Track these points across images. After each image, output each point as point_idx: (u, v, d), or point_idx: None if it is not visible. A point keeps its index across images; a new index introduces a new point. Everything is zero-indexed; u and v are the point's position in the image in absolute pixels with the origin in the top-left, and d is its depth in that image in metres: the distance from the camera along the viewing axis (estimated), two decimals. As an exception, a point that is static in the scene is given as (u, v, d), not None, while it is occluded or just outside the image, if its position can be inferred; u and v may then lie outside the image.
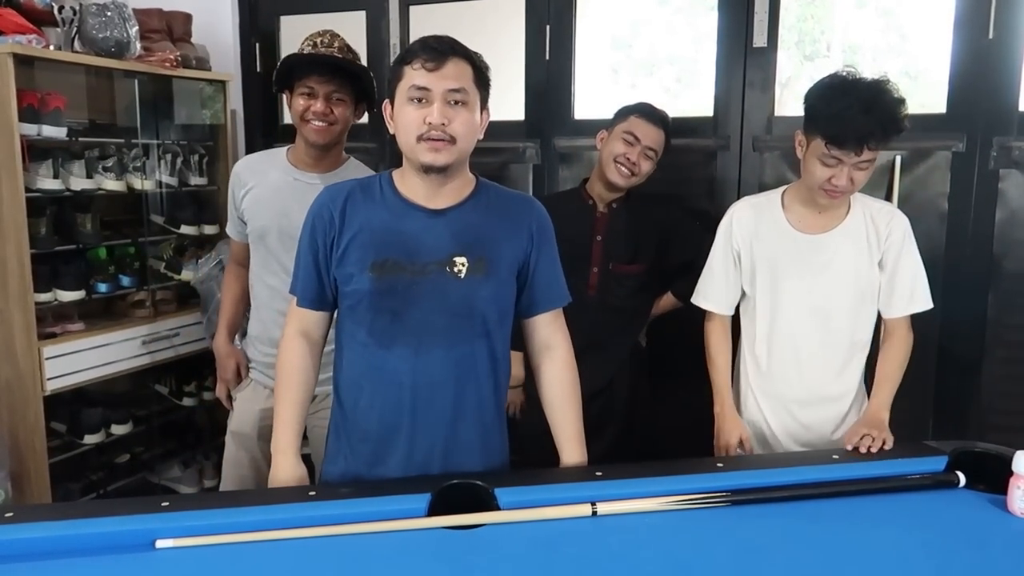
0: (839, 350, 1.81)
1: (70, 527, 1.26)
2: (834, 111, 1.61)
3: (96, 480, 2.71)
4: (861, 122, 1.58)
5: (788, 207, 1.83)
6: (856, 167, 1.66)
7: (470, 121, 1.44)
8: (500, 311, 1.51)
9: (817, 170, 1.68)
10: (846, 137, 1.60)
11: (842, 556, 1.24)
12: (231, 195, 2.13)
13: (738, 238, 1.86)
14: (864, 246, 1.77)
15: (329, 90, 1.97)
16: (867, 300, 1.79)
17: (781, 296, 1.81)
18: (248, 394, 2.15)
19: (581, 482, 1.42)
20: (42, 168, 2.41)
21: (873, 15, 3.75)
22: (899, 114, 1.62)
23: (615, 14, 4.01)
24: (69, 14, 2.40)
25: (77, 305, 2.56)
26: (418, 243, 1.46)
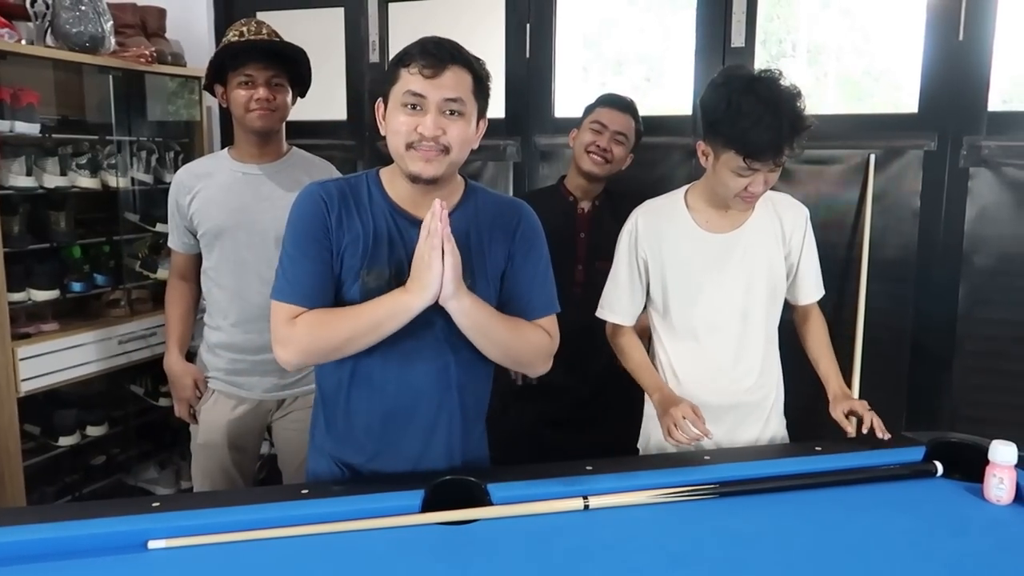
0: (758, 349, 1.76)
1: (60, 529, 1.24)
2: (746, 125, 1.53)
3: (71, 483, 2.67)
4: (774, 132, 1.52)
5: (693, 208, 1.75)
6: (771, 170, 1.61)
7: (465, 132, 1.38)
8: None
9: (732, 181, 1.61)
10: (763, 150, 1.54)
11: (826, 544, 1.27)
12: (174, 205, 2.06)
13: (644, 246, 1.76)
14: (773, 240, 1.75)
15: (268, 75, 1.94)
16: (778, 294, 1.78)
17: (698, 301, 1.74)
18: (212, 406, 2.08)
19: (573, 476, 1.43)
20: (15, 165, 2.37)
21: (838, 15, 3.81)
22: (803, 120, 1.56)
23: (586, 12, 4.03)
24: (42, 8, 2.36)
25: (51, 305, 2.52)
26: (408, 254, 1.41)
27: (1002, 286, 2.32)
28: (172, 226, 2.10)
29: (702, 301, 1.73)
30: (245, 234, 1.97)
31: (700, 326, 1.74)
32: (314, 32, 2.11)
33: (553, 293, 1.53)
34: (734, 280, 1.73)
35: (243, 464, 2.11)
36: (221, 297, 2.04)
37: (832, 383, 1.75)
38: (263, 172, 2.02)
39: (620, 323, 1.82)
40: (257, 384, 2.04)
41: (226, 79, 1.97)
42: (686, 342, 1.76)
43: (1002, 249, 2.31)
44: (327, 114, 2.88)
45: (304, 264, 1.41)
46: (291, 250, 1.43)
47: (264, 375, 2.04)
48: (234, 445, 2.08)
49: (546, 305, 1.51)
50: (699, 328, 1.74)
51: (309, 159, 2.12)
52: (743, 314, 1.73)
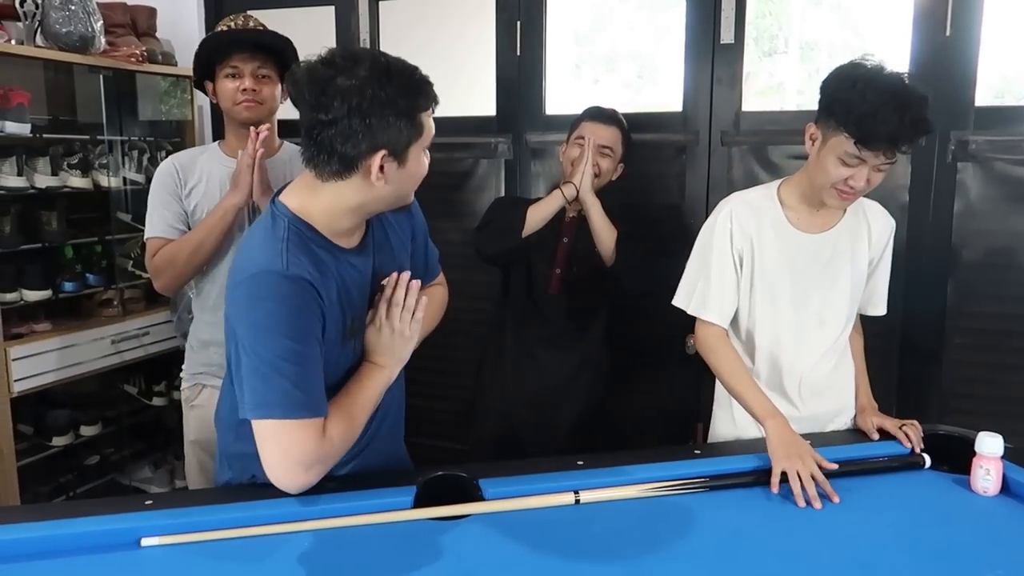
0: (834, 358, 1.73)
1: (53, 527, 1.25)
2: (867, 110, 1.46)
3: (65, 482, 2.67)
4: (895, 124, 1.45)
5: (787, 204, 1.68)
6: (877, 168, 1.53)
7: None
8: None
9: (834, 169, 1.54)
10: (878, 138, 1.46)
11: (815, 536, 1.29)
12: (168, 191, 1.97)
13: (740, 239, 1.67)
14: (861, 245, 1.69)
15: (254, 66, 1.94)
16: (857, 302, 1.74)
17: (780, 301, 1.68)
18: (206, 401, 2.06)
19: (564, 471, 1.44)
20: (5, 165, 2.37)
21: (829, 12, 3.84)
22: (927, 118, 1.50)
23: (578, 10, 4.04)
24: (32, 8, 2.35)
25: (43, 305, 2.52)
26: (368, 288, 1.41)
27: (990, 280, 2.34)
28: (161, 214, 1.97)
29: (784, 302, 1.68)
30: (237, 229, 1.96)
31: (781, 328, 1.69)
32: (304, 30, 2.11)
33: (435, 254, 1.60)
34: (821, 283, 1.67)
35: None
36: (212, 292, 2.02)
37: (861, 394, 1.76)
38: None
39: (717, 323, 1.69)
40: None
41: (215, 74, 1.97)
42: (764, 344, 1.71)
43: (990, 243, 2.33)
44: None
45: (315, 367, 1.25)
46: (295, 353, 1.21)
47: None
48: None
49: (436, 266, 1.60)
50: (780, 330, 1.69)
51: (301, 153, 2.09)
52: (822, 319, 1.69)
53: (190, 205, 1.98)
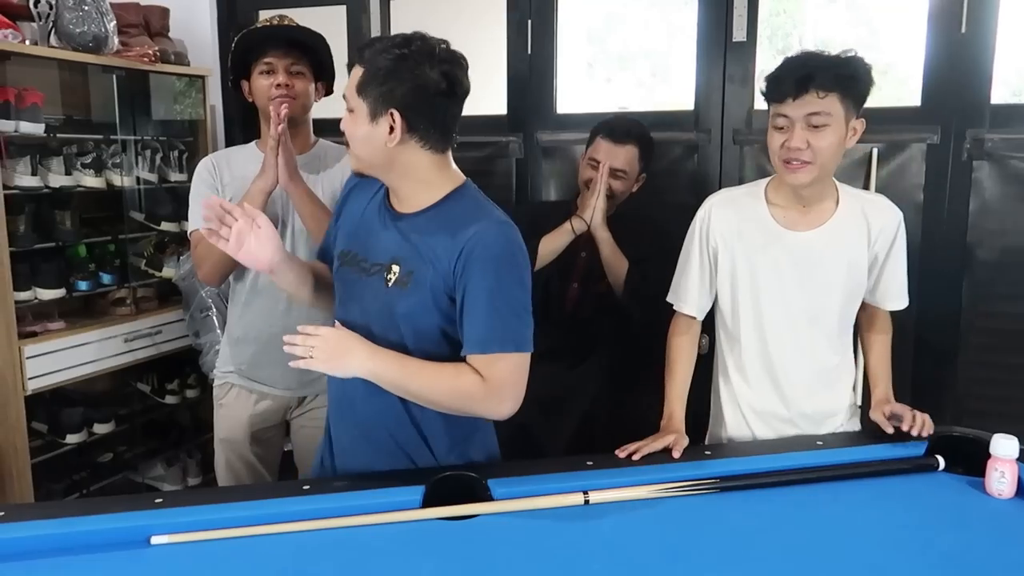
0: (828, 357, 1.69)
1: (64, 525, 1.26)
2: (776, 70, 1.54)
3: (79, 480, 2.68)
4: (798, 67, 1.49)
5: (773, 202, 1.67)
6: (808, 125, 1.51)
7: (353, 127, 1.38)
8: (419, 330, 1.40)
9: (772, 141, 1.57)
10: (783, 85, 1.50)
11: (827, 539, 1.28)
12: (209, 185, 1.99)
13: (716, 235, 1.69)
14: (856, 242, 1.64)
15: (288, 63, 1.94)
16: (855, 299, 1.69)
17: (767, 300, 1.66)
18: (233, 401, 2.09)
19: (573, 472, 1.44)
20: (20, 165, 2.38)
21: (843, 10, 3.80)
22: (849, 62, 1.50)
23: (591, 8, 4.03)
24: (45, 8, 2.36)
25: (57, 303, 2.53)
26: (376, 243, 1.45)
27: (1006, 279, 2.32)
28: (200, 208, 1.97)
29: (771, 301, 1.66)
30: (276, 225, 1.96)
31: (767, 327, 1.67)
32: (316, 29, 2.11)
33: (495, 330, 1.35)
34: (808, 282, 1.64)
35: (266, 458, 2.13)
36: (248, 290, 2.03)
37: (880, 388, 1.71)
38: None
39: (687, 313, 1.74)
40: (279, 379, 2.04)
41: (249, 73, 1.98)
42: (751, 343, 1.70)
43: (1005, 242, 2.30)
44: (333, 112, 2.88)
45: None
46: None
47: (286, 369, 2.03)
48: (256, 439, 2.09)
49: (478, 342, 1.35)
50: (765, 329, 1.68)
51: (336, 148, 2.08)
52: (812, 317, 1.65)
53: (225, 199, 1.97)
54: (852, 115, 1.54)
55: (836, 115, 1.51)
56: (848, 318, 1.71)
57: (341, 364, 1.37)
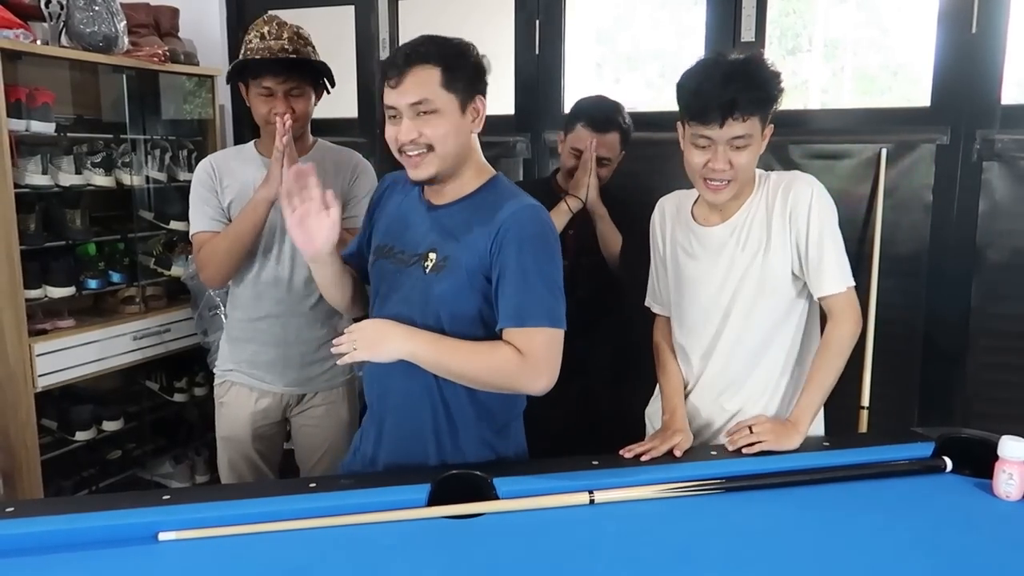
0: (741, 354, 1.64)
1: (72, 521, 1.26)
2: (692, 85, 1.50)
3: (88, 477, 2.70)
4: (720, 92, 1.45)
5: (699, 200, 1.69)
6: (731, 146, 1.50)
7: (442, 127, 1.40)
8: (455, 313, 1.44)
9: (692, 158, 1.55)
10: (707, 109, 1.47)
11: (834, 540, 1.27)
12: (207, 190, 2.01)
13: (658, 232, 1.76)
14: (767, 228, 1.59)
15: (287, 88, 1.93)
16: (770, 291, 1.60)
17: (683, 296, 1.69)
18: (233, 399, 2.11)
19: (579, 471, 1.44)
20: (31, 164, 2.40)
21: (854, 10, 3.79)
22: (765, 81, 1.49)
23: (600, 8, 4.03)
24: (56, 9, 2.39)
25: (67, 301, 2.55)
26: (413, 235, 1.51)
27: (1015, 281, 2.30)
28: (203, 211, 2.01)
29: (686, 297, 1.69)
30: (276, 230, 1.98)
31: (684, 323, 1.70)
32: (324, 30, 2.12)
33: (531, 304, 1.40)
34: (714, 276, 1.64)
35: (268, 456, 2.14)
36: (248, 290, 2.05)
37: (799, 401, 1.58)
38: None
39: (656, 311, 1.81)
40: (279, 377, 2.06)
41: (248, 83, 1.98)
42: (677, 338, 1.74)
43: (1015, 243, 2.29)
44: (338, 112, 2.89)
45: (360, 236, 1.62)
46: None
47: (286, 368, 2.05)
48: (258, 436, 2.10)
49: (514, 315, 1.40)
50: (684, 325, 1.71)
51: (334, 149, 2.11)
52: (725, 313, 1.64)
53: (225, 202, 2.02)
54: (765, 124, 1.55)
55: (756, 133, 1.52)
56: (765, 314, 1.62)
57: (382, 348, 1.43)
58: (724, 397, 1.68)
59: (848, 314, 1.57)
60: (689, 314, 1.70)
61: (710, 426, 1.70)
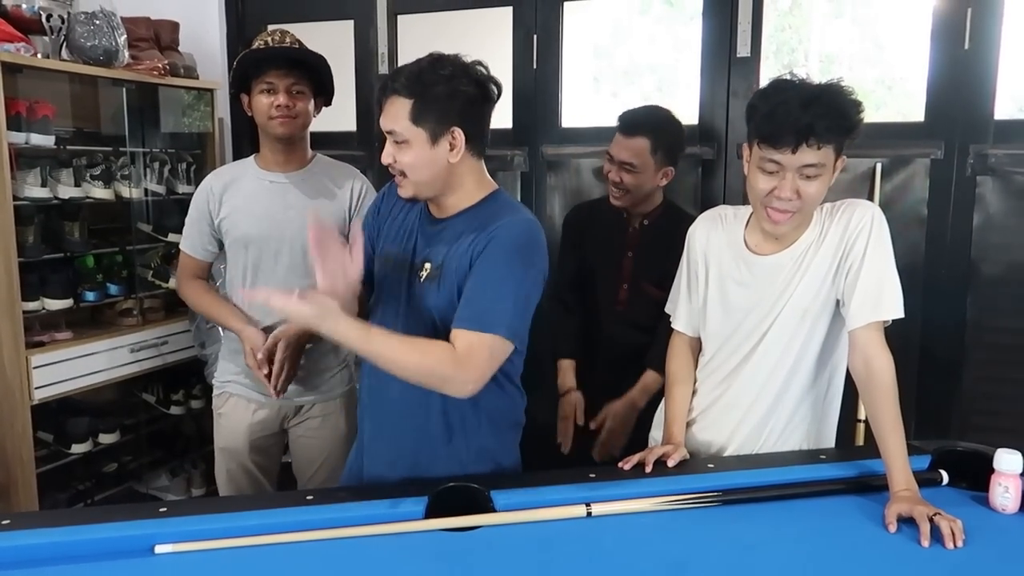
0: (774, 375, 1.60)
1: (68, 533, 1.26)
2: (768, 108, 1.42)
3: (83, 490, 2.69)
4: (797, 115, 1.38)
5: (752, 225, 1.61)
6: (801, 174, 1.43)
7: (411, 156, 1.43)
8: (447, 321, 1.44)
9: (757, 183, 1.47)
10: (781, 133, 1.40)
11: (830, 553, 1.27)
12: (203, 210, 2.06)
13: (697, 251, 1.67)
14: (819, 260, 1.54)
15: (289, 83, 1.96)
16: (812, 318, 1.56)
17: (727, 321, 1.62)
18: (231, 410, 2.11)
19: (576, 483, 1.44)
20: (30, 176, 2.40)
21: (849, 25, 3.82)
22: (846, 109, 1.42)
23: (597, 24, 4.06)
24: (57, 22, 2.40)
25: (65, 314, 2.54)
26: (412, 245, 1.54)
27: (1010, 294, 2.32)
28: (193, 231, 2.08)
29: (728, 323, 1.62)
30: (273, 242, 2.00)
31: (717, 343, 1.65)
32: (324, 44, 2.13)
33: (497, 312, 1.38)
34: (762, 303, 1.57)
35: (266, 467, 2.14)
36: (245, 304, 2.05)
37: (896, 474, 1.41)
38: (289, 180, 2.04)
39: (677, 328, 1.74)
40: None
41: (250, 88, 2.00)
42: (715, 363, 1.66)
43: (1010, 257, 2.31)
44: (337, 125, 2.90)
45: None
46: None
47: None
48: (255, 448, 2.10)
49: (476, 319, 1.38)
50: (717, 345, 1.65)
51: (333, 164, 2.14)
52: (762, 336, 1.58)
53: (222, 216, 2.05)
54: (839, 155, 1.49)
55: (828, 163, 1.46)
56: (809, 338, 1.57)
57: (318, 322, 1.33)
58: (748, 417, 1.63)
59: (885, 345, 1.52)
60: (725, 335, 1.64)
61: (728, 447, 1.66)
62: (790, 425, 1.64)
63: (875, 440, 1.48)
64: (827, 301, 1.55)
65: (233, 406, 2.10)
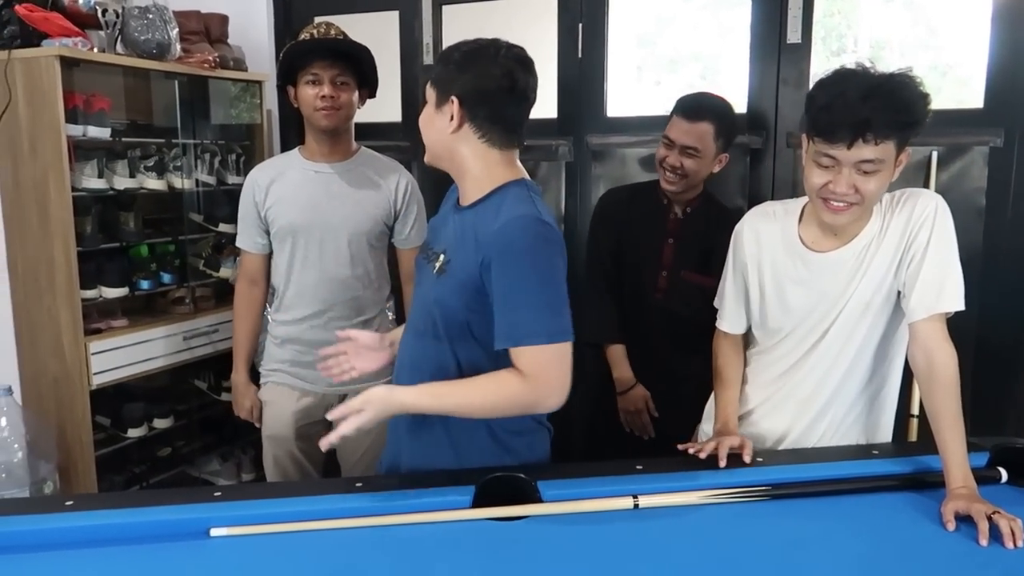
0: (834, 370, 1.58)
1: (128, 515, 1.30)
2: (825, 100, 1.36)
3: (139, 473, 2.76)
4: (854, 109, 1.32)
5: (804, 221, 1.57)
6: (859, 170, 1.38)
7: (424, 115, 1.49)
8: (447, 318, 1.44)
9: (813, 176, 1.43)
10: (836, 127, 1.34)
11: (884, 550, 1.25)
12: (249, 203, 2.12)
13: (745, 252, 1.63)
14: (882, 254, 1.50)
15: (333, 74, 2.00)
16: (874, 312, 1.53)
17: (785, 320, 1.59)
18: (277, 398, 2.16)
19: (623, 475, 1.43)
20: (87, 168, 2.47)
21: (901, 9, 3.71)
22: (909, 102, 1.34)
23: (641, 11, 4.02)
24: (112, 17, 2.45)
25: (120, 302, 2.61)
26: (439, 234, 1.56)
27: (1073, 286, 2.24)
28: (244, 226, 2.16)
29: (787, 322, 1.59)
30: (317, 231, 2.04)
31: (775, 340, 1.62)
32: (369, 35, 2.15)
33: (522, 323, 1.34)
34: (823, 300, 1.53)
35: (311, 455, 2.18)
36: (290, 292, 2.11)
37: (954, 470, 1.37)
38: (334, 171, 2.08)
39: (722, 328, 1.70)
40: (321, 378, 2.08)
41: (296, 80, 2.03)
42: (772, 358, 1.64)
43: (1073, 249, 2.23)
44: (382, 116, 2.93)
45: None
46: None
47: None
48: (301, 435, 2.14)
49: (508, 335, 1.36)
50: (775, 342, 1.62)
51: (377, 158, 2.17)
52: (823, 333, 1.55)
53: (268, 206, 2.09)
54: (902, 150, 1.42)
55: (888, 159, 1.39)
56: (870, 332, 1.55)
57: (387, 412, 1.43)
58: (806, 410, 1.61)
59: (947, 338, 1.47)
60: (784, 332, 1.61)
61: (783, 440, 1.65)
62: (847, 419, 1.62)
63: (932, 435, 1.44)
64: (889, 294, 1.52)
65: (279, 395, 2.15)
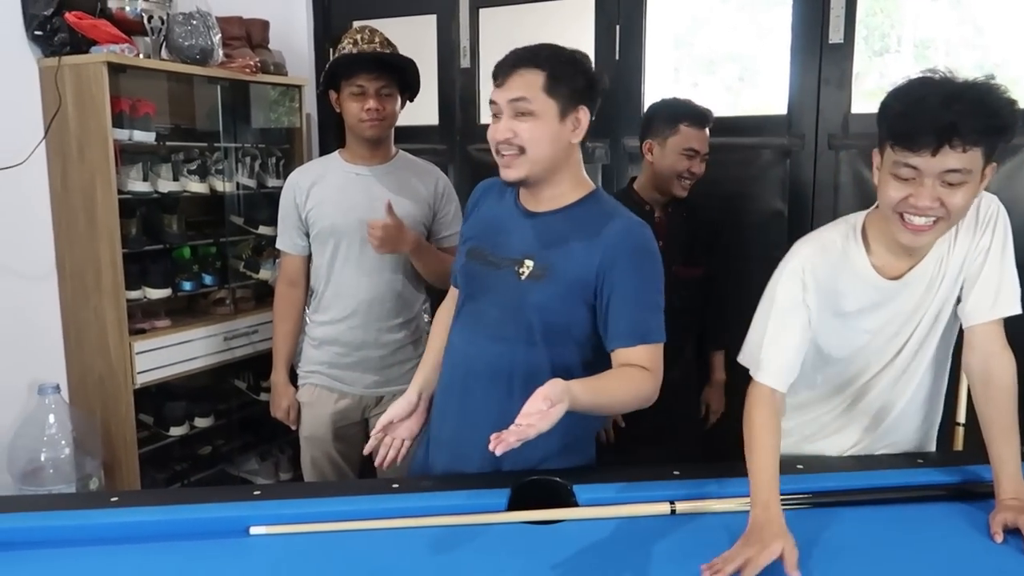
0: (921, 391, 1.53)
1: (170, 512, 1.33)
2: (905, 105, 1.26)
3: (180, 470, 2.81)
4: (938, 113, 1.20)
5: (872, 249, 1.42)
6: (943, 181, 1.25)
7: (537, 130, 1.40)
8: (548, 323, 1.45)
9: (890, 190, 1.29)
10: (918, 132, 1.22)
11: (928, 560, 1.22)
12: (289, 204, 2.15)
13: (813, 292, 1.42)
14: (956, 263, 1.41)
15: (379, 86, 2.01)
16: (940, 324, 1.46)
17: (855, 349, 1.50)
18: (315, 400, 2.18)
19: (660, 480, 1.42)
20: (132, 171, 2.53)
21: (946, 7, 3.63)
22: (997, 107, 1.23)
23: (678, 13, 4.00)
24: (158, 24, 2.50)
25: (164, 302, 2.67)
26: (506, 239, 1.52)
27: None
28: (284, 227, 2.19)
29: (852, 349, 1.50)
30: (356, 233, 2.05)
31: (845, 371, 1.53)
32: (407, 39, 2.16)
33: (650, 321, 1.42)
34: (893, 323, 1.46)
35: (349, 455, 2.20)
36: (328, 293, 2.13)
37: (1006, 481, 1.33)
38: (373, 174, 2.10)
39: (766, 382, 1.40)
40: (359, 379, 2.12)
41: (339, 86, 2.06)
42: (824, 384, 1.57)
43: None
44: (419, 119, 2.94)
45: None
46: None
47: (365, 371, 2.12)
48: (338, 437, 2.17)
49: (637, 334, 1.42)
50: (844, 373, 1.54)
51: (415, 162, 2.20)
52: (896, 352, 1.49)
53: (309, 208, 2.12)
54: (989, 161, 1.29)
55: (976, 170, 1.25)
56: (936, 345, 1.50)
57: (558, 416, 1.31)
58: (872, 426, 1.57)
59: (1006, 344, 1.41)
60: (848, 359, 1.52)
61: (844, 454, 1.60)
62: (903, 429, 1.58)
63: (981, 444, 1.40)
64: (953, 300, 1.46)
65: (316, 396, 2.17)
